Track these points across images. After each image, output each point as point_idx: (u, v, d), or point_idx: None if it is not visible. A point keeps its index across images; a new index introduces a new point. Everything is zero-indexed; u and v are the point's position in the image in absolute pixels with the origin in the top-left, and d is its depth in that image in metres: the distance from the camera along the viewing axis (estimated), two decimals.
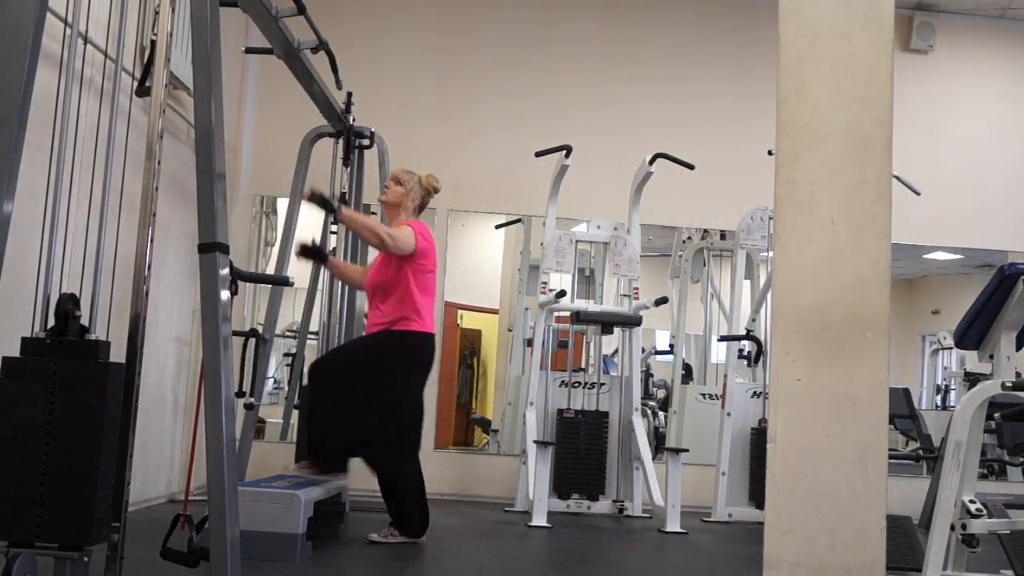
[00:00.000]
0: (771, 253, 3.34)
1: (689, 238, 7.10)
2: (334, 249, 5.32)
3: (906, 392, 6.66)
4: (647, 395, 7.11)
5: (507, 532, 4.91)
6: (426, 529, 4.28)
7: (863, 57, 2.44)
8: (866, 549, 2.28)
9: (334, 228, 5.27)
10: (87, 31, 3.31)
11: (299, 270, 4.93)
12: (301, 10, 4.01)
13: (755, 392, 5.86)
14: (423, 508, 4.27)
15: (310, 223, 5.17)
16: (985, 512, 2.95)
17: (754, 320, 6.04)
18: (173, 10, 2.82)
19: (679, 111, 6.83)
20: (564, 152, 5.67)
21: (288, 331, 6.46)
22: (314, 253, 4.45)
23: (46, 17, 2.38)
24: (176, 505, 4.77)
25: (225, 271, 2.65)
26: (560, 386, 5.85)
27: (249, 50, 5.21)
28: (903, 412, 6.52)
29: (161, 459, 5.15)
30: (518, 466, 5.85)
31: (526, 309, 7.02)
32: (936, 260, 7.25)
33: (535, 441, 5.36)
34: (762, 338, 5.90)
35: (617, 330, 6.07)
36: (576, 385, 5.87)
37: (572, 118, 6.67)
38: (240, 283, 3.32)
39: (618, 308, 5.96)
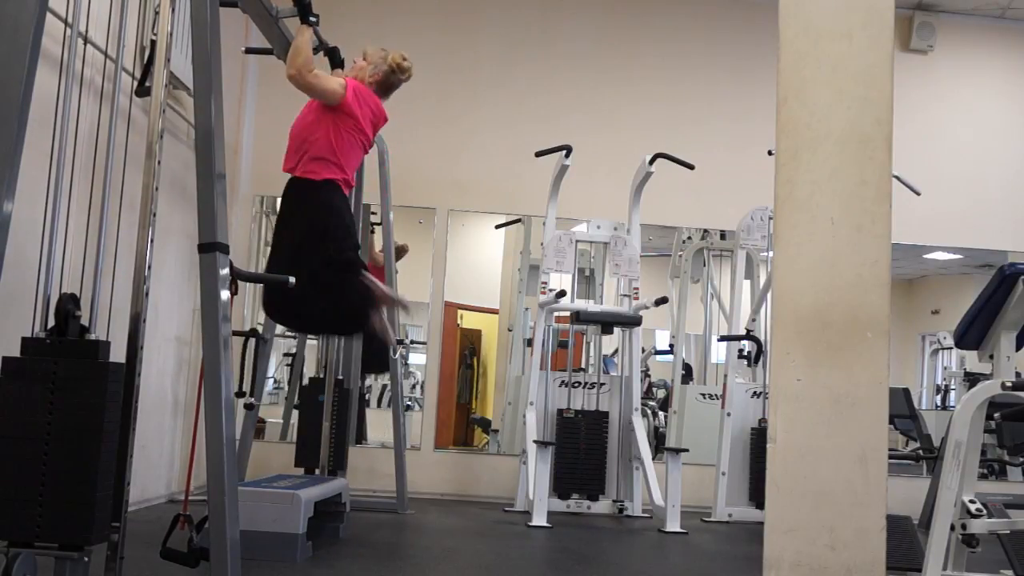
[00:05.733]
0: (771, 253, 3.34)
1: (689, 238, 7.10)
2: None
3: (906, 392, 6.66)
4: (647, 395, 7.11)
5: (507, 532, 4.91)
6: None
7: (863, 57, 2.44)
8: (866, 549, 2.28)
9: None
10: (87, 31, 3.31)
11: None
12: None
13: (755, 392, 5.86)
14: None
15: None
16: (985, 512, 2.95)
17: (754, 320, 6.04)
18: (173, 10, 2.82)
19: (679, 111, 6.83)
20: (564, 152, 5.67)
21: (288, 331, 6.46)
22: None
23: (46, 17, 2.38)
24: (176, 505, 4.76)
25: (225, 271, 2.65)
26: (560, 386, 5.85)
27: (249, 50, 5.21)
28: (903, 412, 6.52)
29: (161, 459, 5.15)
30: (518, 466, 5.85)
31: (526, 309, 7.02)
32: (936, 260, 7.25)
33: (535, 441, 5.36)
34: (762, 338, 5.90)
35: (617, 330, 6.07)
36: (576, 385, 5.87)
37: (572, 118, 6.67)
38: (240, 283, 3.32)
39: (618, 308, 5.96)
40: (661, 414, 7.07)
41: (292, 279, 3.45)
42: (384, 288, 3.84)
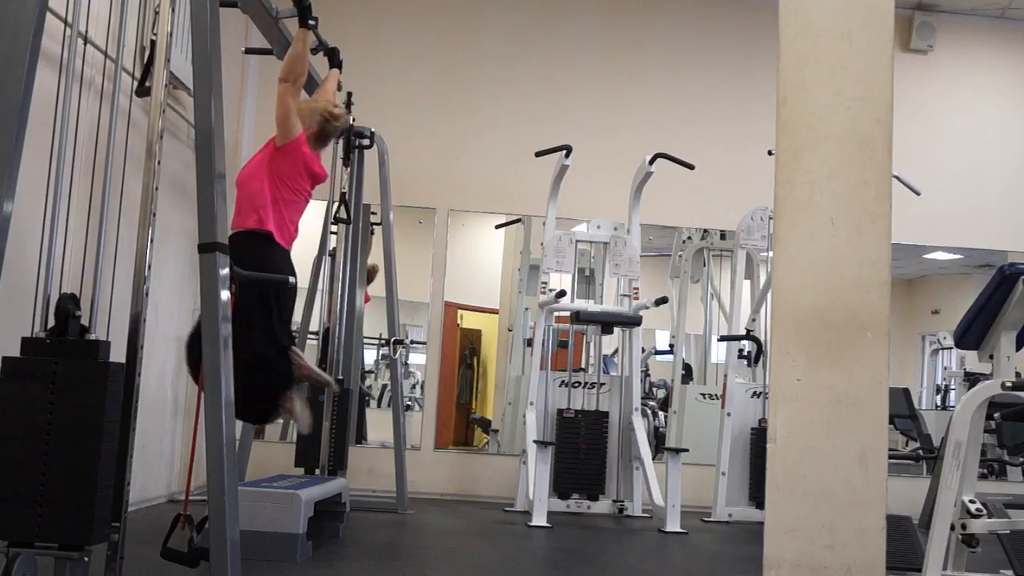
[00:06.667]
0: (771, 253, 3.34)
1: (689, 238, 7.10)
2: (334, 250, 5.32)
3: (906, 392, 6.66)
4: (647, 395, 7.11)
5: (507, 532, 4.91)
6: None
7: (863, 57, 2.44)
8: (866, 549, 2.28)
9: (334, 228, 5.27)
10: (87, 31, 3.31)
11: (299, 270, 4.92)
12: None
13: (755, 392, 5.86)
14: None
15: (310, 223, 5.16)
16: (985, 512, 2.95)
17: (754, 320, 6.04)
18: (173, 10, 2.82)
19: (679, 111, 6.83)
20: (564, 152, 5.67)
21: None
22: None
23: (46, 17, 2.38)
24: (176, 505, 4.76)
25: (225, 271, 2.65)
26: (560, 386, 5.85)
27: (249, 50, 5.21)
28: (903, 412, 6.52)
29: (161, 459, 5.15)
30: (518, 466, 5.85)
31: (526, 309, 7.02)
32: (936, 260, 7.25)
33: (535, 441, 5.36)
34: (762, 338, 5.90)
35: (617, 330, 6.07)
36: (576, 385, 5.87)
37: (572, 118, 6.67)
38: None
39: (618, 308, 5.96)
40: (661, 414, 7.07)
41: (292, 279, 3.43)
42: (310, 368, 3.79)
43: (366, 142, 5.25)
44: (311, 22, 3.77)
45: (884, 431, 2.37)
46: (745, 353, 6.02)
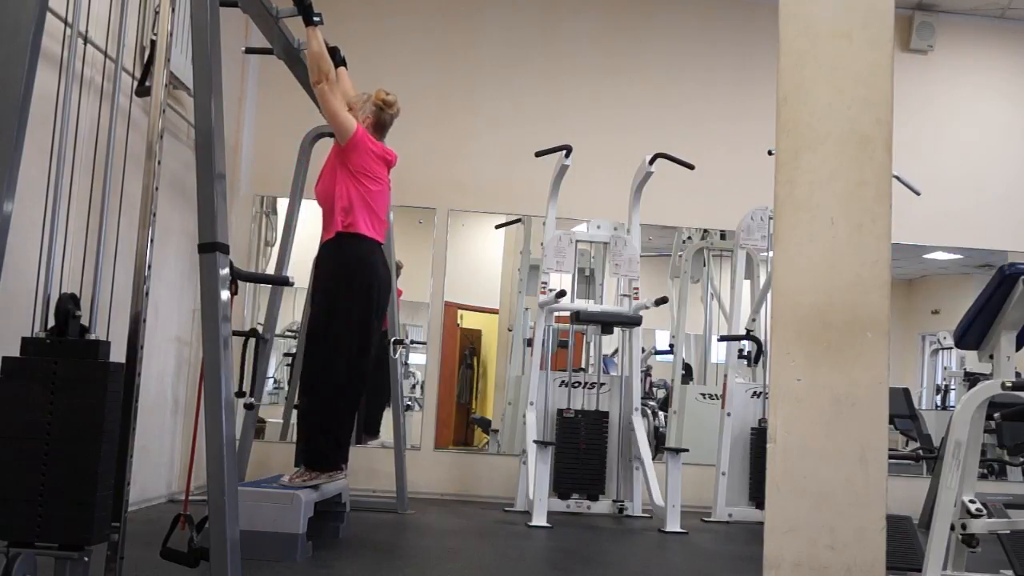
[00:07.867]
0: (771, 253, 3.34)
1: (689, 238, 7.10)
2: None
3: (906, 392, 6.66)
4: (647, 395, 7.11)
5: (507, 532, 4.91)
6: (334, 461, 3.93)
7: (863, 57, 2.44)
8: (866, 549, 2.28)
9: None
10: (87, 31, 3.31)
11: (299, 270, 4.93)
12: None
13: (755, 392, 5.86)
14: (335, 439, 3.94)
15: (310, 224, 5.16)
16: (985, 512, 2.95)
17: (754, 320, 6.04)
18: (173, 10, 2.82)
19: (679, 111, 6.83)
20: (564, 152, 5.67)
21: (288, 331, 6.47)
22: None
23: (46, 17, 2.38)
24: (176, 505, 4.77)
25: (225, 271, 2.65)
26: (560, 386, 5.85)
27: (249, 50, 5.21)
28: (903, 412, 6.52)
29: (161, 459, 5.15)
30: (518, 466, 5.85)
31: (526, 309, 7.02)
32: (936, 260, 7.25)
33: (535, 441, 5.36)
34: (762, 338, 5.90)
35: (617, 330, 6.07)
36: (576, 385, 5.87)
37: (572, 118, 6.67)
38: (240, 283, 3.32)
39: (618, 308, 5.96)
40: (661, 414, 7.07)
41: (292, 277, 3.46)
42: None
43: None
44: (316, 19, 3.79)
45: (884, 431, 2.37)
46: (745, 353, 6.02)
